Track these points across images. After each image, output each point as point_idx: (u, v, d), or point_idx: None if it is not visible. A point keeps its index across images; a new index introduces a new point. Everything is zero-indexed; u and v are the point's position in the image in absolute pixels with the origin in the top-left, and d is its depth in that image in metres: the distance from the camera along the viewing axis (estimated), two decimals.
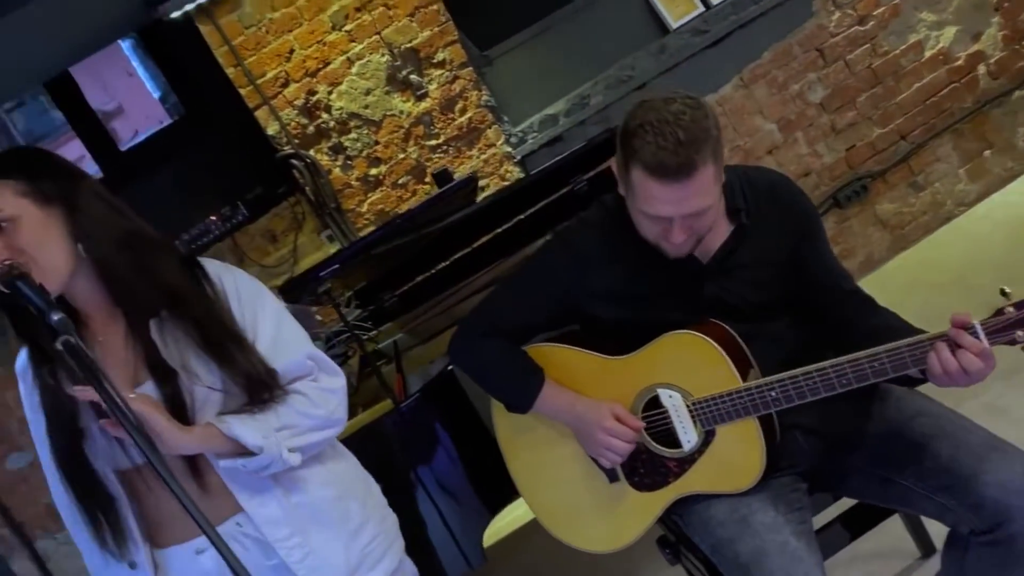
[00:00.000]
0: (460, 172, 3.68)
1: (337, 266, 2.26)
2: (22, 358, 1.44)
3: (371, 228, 3.66)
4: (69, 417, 1.38)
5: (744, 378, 1.61)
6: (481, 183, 3.70)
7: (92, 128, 4.29)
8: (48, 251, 1.34)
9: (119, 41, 4.39)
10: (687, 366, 1.63)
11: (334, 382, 1.54)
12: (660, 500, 1.72)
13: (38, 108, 5.73)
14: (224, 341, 1.42)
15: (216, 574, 1.43)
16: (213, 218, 3.78)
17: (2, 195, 1.33)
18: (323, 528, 1.49)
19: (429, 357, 2.76)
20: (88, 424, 1.39)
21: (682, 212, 1.53)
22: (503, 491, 2.05)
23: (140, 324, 1.40)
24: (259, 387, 1.42)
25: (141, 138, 4.69)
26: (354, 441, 2.15)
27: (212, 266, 1.49)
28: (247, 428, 1.38)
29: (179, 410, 1.38)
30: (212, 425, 1.38)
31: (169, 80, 4.24)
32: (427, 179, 3.65)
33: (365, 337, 2.98)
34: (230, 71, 3.52)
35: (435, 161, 3.65)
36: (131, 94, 5.58)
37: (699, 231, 1.59)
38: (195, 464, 1.43)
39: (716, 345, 1.60)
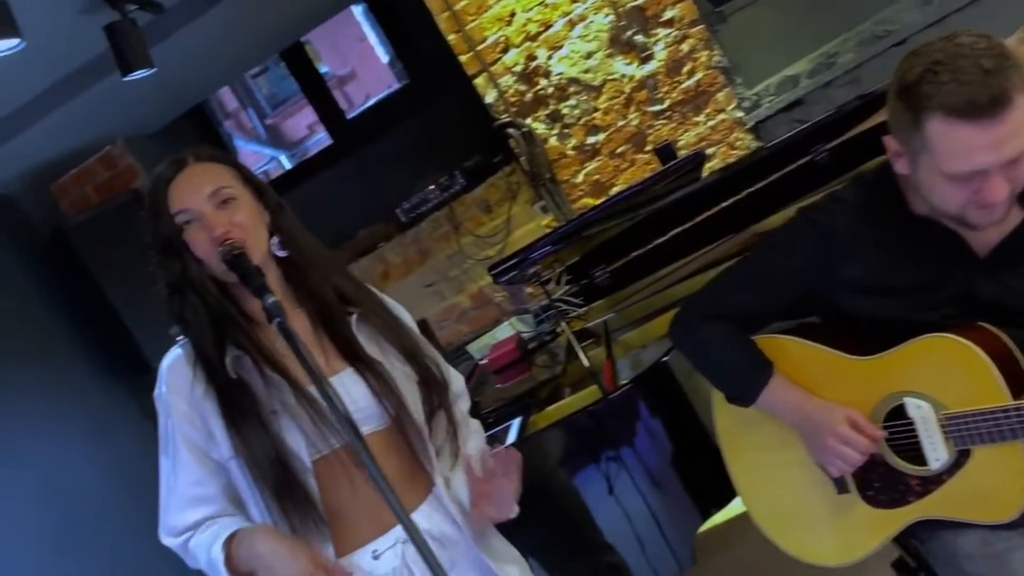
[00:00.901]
0: (685, 139, 3.42)
1: (548, 248, 2.11)
2: (175, 356, 1.41)
3: (586, 200, 3.50)
4: (254, 408, 1.35)
5: (1016, 396, 1.35)
6: (709, 152, 3.42)
7: (322, 96, 4.44)
8: (257, 236, 1.40)
9: (351, 7, 4.49)
10: (943, 375, 1.42)
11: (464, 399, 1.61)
12: (896, 520, 1.54)
13: (279, 74, 6.05)
14: (408, 338, 1.49)
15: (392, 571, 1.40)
16: (432, 187, 3.79)
17: (227, 176, 1.42)
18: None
19: (641, 342, 2.56)
20: (281, 410, 1.35)
21: (1003, 157, 1.26)
22: (717, 494, 1.95)
23: (335, 319, 1.44)
24: (435, 387, 1.47)
25: (370, 103, 4.81)
26: (559, 429, 2.08)
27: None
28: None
29: (388, 392, 1.41)
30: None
31: (395, 47, 4.29)
32: (647, 148, 3.43)
33: (573, 315, 2.83)
34: (451, 37, 3.46)
35: (657, 129, 3.42)
36: (363, 59, 5.74)
37: (1018, 184, 1.31)
38: (402, 443, 1.44)
39: (983, 355, 1.36)
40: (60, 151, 3.54)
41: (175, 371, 1.39)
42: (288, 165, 5.56)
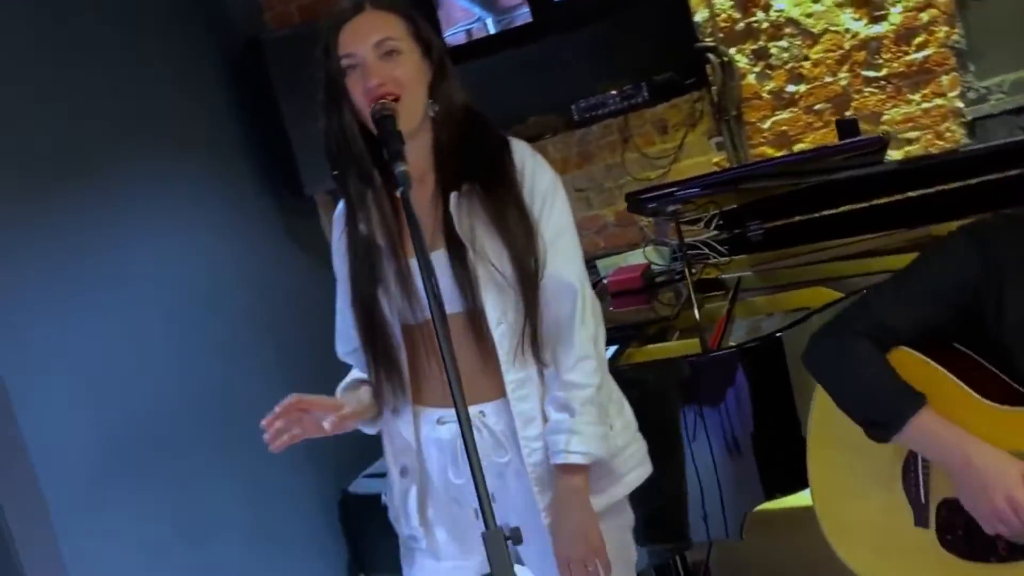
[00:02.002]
0: (891, 115, 3.16)
1: (696, 191, 2.02)
2: (341, 206, 1.54)
3: (765, 148, 3.32)
4: (371, 266, 1.47)
5: None
6: (912, 135, 3.16)
7: None
8: (415, 95, 1.42)
9: None
10: None
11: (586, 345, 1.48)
12: (967, 573, 1.47)
13: None
14: (515, 223, 1.43)
15: (449, 445, 1.49)
16: (613, 92, 3.67)
17: (398, 28, 1.42)
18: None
19: (768, 309, 2.44)
20: (387, 275, 1.46)
21: None
22: (787, 480, 1.92)
23: (446, 192, 1.44)
24: (529, 282, 1.43)
25: None
26: (652, 369, 2.04)
27: (519, 149, 1.50)
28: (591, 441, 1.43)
29: (464, 285, 1.43)
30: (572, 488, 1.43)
31: None
32: (847, 112, 3.18)
33: (711, 262, 2.73)
34: None
35: (864, 96, 3.16)
36: None
37: None
38: (477, 335, 1.45)
39: None
40: None
41: (338, 222, 1.54)
42: (492, 30, 5.49)
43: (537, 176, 1.47)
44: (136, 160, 2.93)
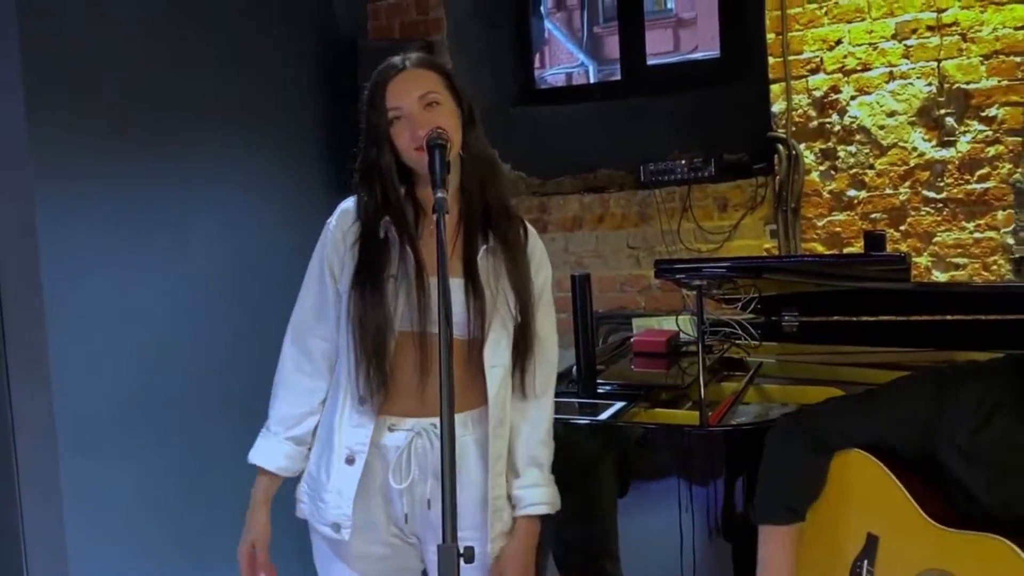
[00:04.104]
0: (942, 238, 3.23)
1: (723, 272, 2.13)
2: (347, 203, 1.68)
3: (816, 245, 3.40)
4: (379, 268, 1.58)
5: None
6: (960, 261, 3.22)
7: (635, 29, 4.44)
8: (453, 140, 1.57)
9: None
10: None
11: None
12: None
13: None
14: (525, 289, 1.64)
15: (396, 452, 1.61)
16: (683, 162, 3.79)
17: (436, 83, 1.61)
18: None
19: (781, 399, 2.52)
20: (390, 278, 1.58)
21: None
22: None
23: (471, 233, 1.62)
24: (525, 342, 1.64)
25: (676, 58, 4.79)
26: (652, 433, 2.10)
27: (532, 232, 1.71)
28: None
29: (479, 313, 1.59)
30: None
31: (723, 16, 4.22)
32: (902, 226, 3.26)
33: (739, 342, 2.82)
34: (770, 36, 3.41)
35: (921, 215, 3.24)
36: (707, 12, 5.70)
37: None
38: (470, 361, 1.61)
39: None
40: None
41: (345, 215, 1.67)
42: (592, 79, 5.66)
43: (543, 265, 1.71)
44: (214, 136, 3.15)
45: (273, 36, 3.45)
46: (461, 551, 1.17)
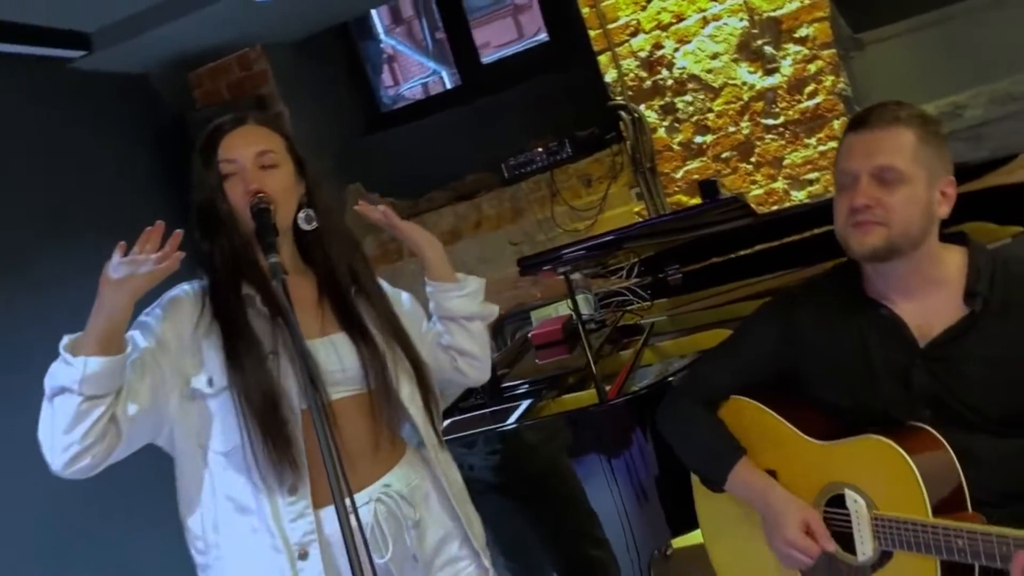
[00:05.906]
0: (792, 158, 3.38)
1: (581, 253, 2.19)
2: (183, 290, 1.49)
3: (680, 196, 3.52)
4: (254, 340, 1.43)
5: (948, 511, 1.38)
6: (812, 176, 3.38)
7: (461, 33, 4.50)
8: (286, 206, 1.49)
9: None
10: (879, 477, 1.47)
11: None
12: None
13: None
14: (399, 326, 1.60)
15: (367, 527, 1.43)
16: (540, 150, 3.87)
17: (277, 143, 1.53)
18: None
19: (678, 352, 2.61)
20: (276, 352, 1.43)
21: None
22: (691, 516, 1.94)
23: (340, 288, 1.56)
24: (422, 373, 1.59)
25: (508, 51, 4.86)
26: (560, 422, 2.14)
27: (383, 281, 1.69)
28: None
29: (374, 361, 1.51)
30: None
31: (542, 2, 4.31)
32: (752, 158, 3.40)
33: (632, 307, 2.90)
34: (585, 10, 3.50)
35: (766, 143, 3.38)
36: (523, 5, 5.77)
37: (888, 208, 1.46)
38: (379, 412, 1.52)
39: (915, 467, 1.40)
40: (204, 44, 3.74)
41: (177, 304, 1.47)
42: (448, 84, 5.64)
43: (398, 292, 1.69)
44: (67, 250, 3.03)
45: (97, 135, 3.35)
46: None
